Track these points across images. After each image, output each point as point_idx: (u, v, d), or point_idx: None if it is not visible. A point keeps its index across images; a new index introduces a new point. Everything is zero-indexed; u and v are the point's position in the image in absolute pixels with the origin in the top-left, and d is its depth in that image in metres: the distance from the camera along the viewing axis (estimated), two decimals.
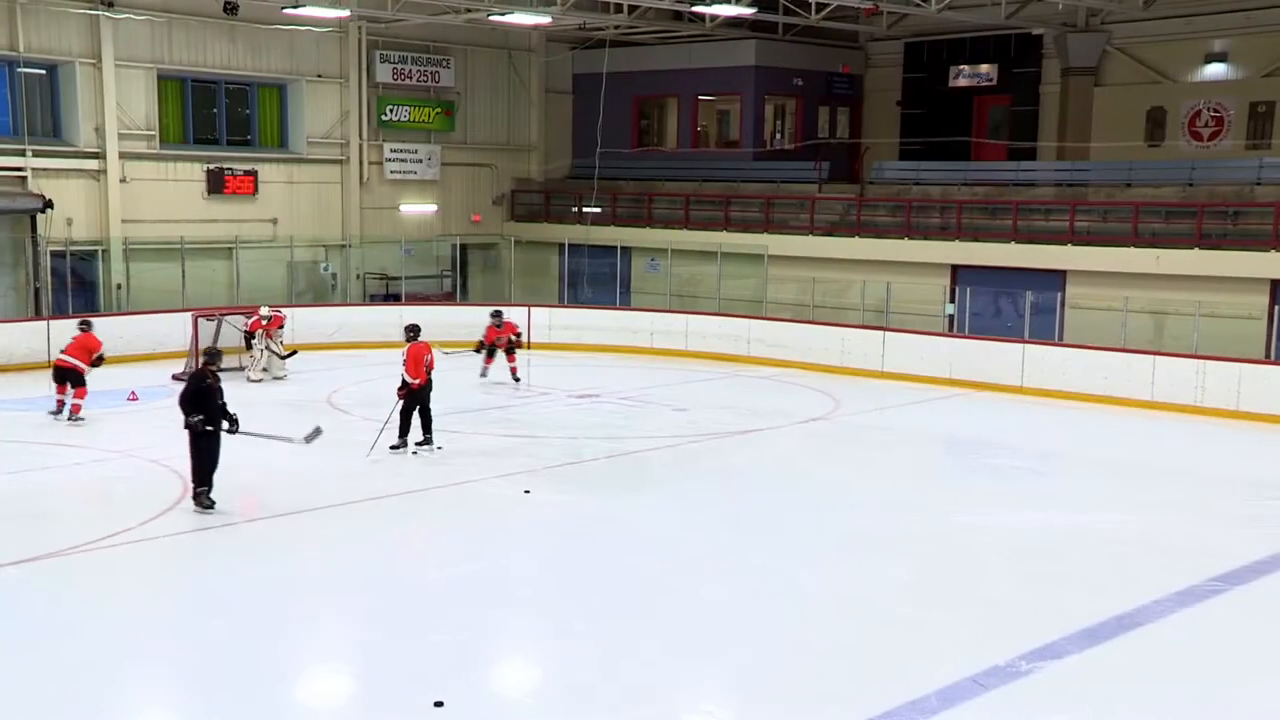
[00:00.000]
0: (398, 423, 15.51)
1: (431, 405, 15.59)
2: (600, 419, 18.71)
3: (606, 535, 12.56)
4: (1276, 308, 20.48)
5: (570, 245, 28.55)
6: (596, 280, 28.23)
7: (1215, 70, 26.07)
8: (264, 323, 21.06)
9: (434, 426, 15.78)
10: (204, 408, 12.60)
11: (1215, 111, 25.93)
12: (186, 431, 12.67)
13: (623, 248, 28.13)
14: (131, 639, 9.69)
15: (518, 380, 21.19)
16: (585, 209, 29.28)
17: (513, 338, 21.55)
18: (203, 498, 12.72)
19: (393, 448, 15.44)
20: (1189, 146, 26.03)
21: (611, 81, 28.61)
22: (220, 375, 13.08)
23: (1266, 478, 15.61)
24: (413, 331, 15.89)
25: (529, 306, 26.35)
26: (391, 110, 28.87)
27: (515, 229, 30.52)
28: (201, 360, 13.47)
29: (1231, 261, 20.95)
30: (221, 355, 13.70)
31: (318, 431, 13.63)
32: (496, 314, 21.74)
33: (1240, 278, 20.79)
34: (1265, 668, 9.24)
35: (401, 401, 15.45)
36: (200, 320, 21.34)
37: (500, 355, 21.46)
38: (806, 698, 8.55)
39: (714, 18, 27.05)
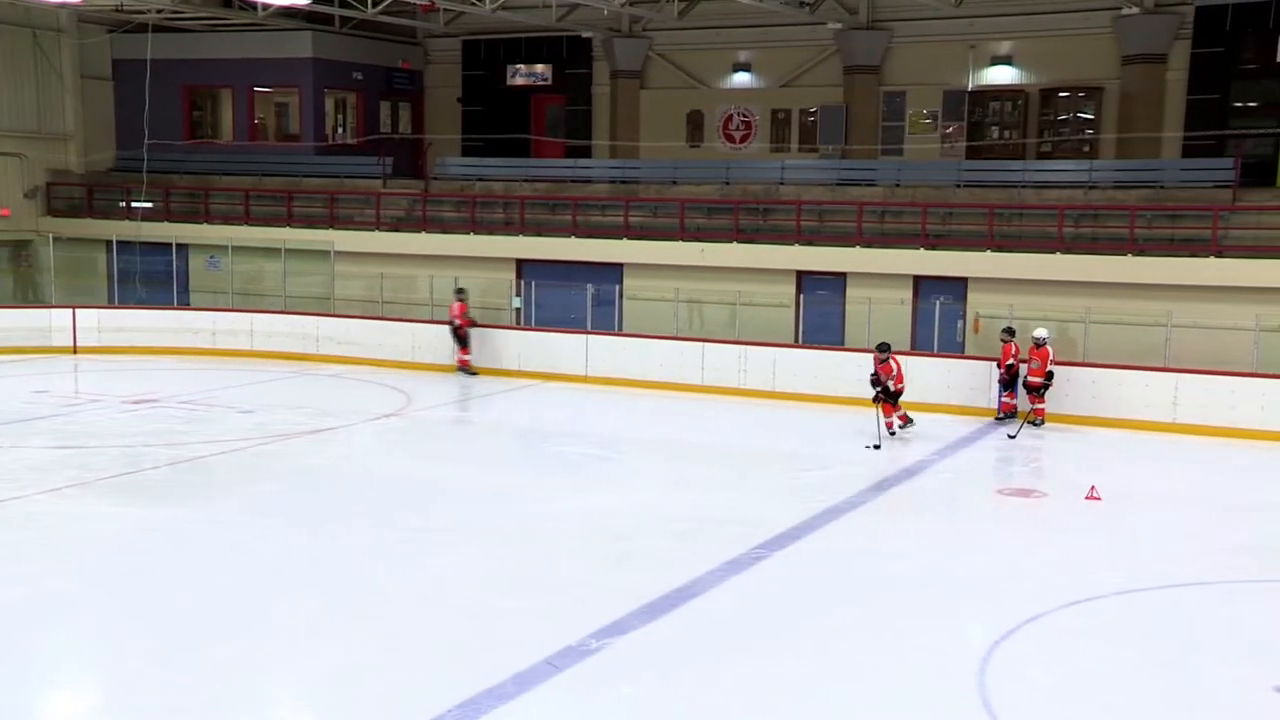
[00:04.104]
0: None
1: None
2: (160, 425, 17.78)
3: (171, 547, 12.02)
4: (802, 296, 22.75)
5: (119, 242, 26.72)
6: (151, 279, 26.58)
7: (742, 79, 28.51)
8: None
9: None
10: None
11: (744, 116, 28.35)
12: None
13: (178, 244, 26.70)
14: None
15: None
16: (134, 204, 27.49)
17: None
18: None
19: None
20: (724, 148, 28.30)
21: (158, 69, 27.00)
22: None
23: (801, 451, 17.34)
24: None
25: (74, 308, 24.49)
26: None
27: (53, 224, 28.14)
28: None
29: (764, 254, 23.05)
30: None
31: None
32: (461, 292, 22.92)
33: (772, 269, 22.91)
34: (806, 621, 10.36)
35: None
36: None
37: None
38: (386, 693, 8.67)
39: (266, 7, 26.22)
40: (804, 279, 22.97)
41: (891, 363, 17.58)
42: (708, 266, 23.25)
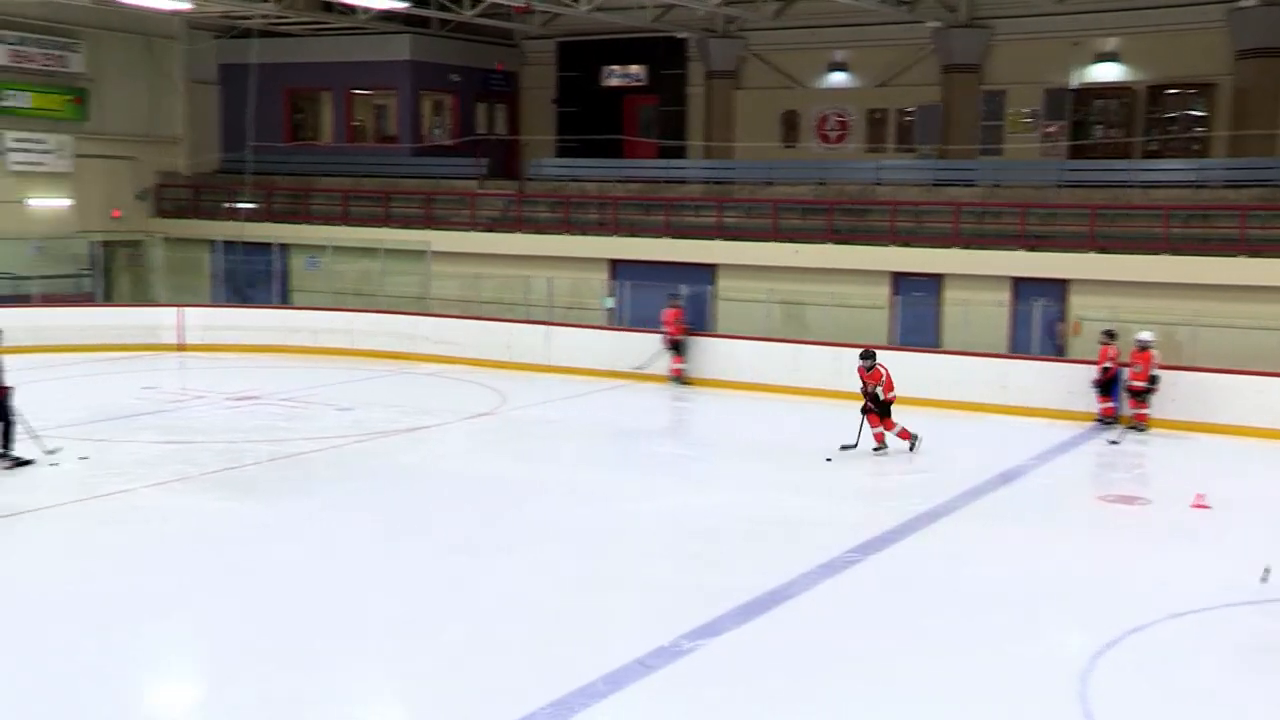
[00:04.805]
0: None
1: (11, 416, 14.63)
2: (261, 421, 18.14)
3: (267, 541, 12.25)
4: (897, 297, 22.46)
5: (224, 242, 27.37)
6: (253, 278, 27.23)
7: (838, 79, 28.25)
8: None
9: (79, 434, 15.06)
10: None
11: (840, 116, 28.07)
12: None
13: (280, 244, 27.27)
14: None
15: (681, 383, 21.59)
16: (238, 204, 28.15)
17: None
18: None
19: None
20: (819, 148, 28.05)
21: (261, 73, 27.65)
22: None
23: (895, 454, 17.08)
24: None
25: (180, 307, 25.12)
26: (11, 95, 26.63)
27: (162, 225, 28.96)
28: None
29: (858, 255, 22.80)
30: None
31: None
32: (676, 297, 21.85)
33: (866, 270, 22.65)
34: (901, 627, 10.19)
35: None
36: None
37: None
38: (474, 691, 8.71)
39: (366, 10, 26.65)
40: (899, 280, 22.68)
41: (880, 369, 16.38)
42: (801, 267, 23.07)
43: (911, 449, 16.48)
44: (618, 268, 25.10)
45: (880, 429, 16.40)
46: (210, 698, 8.87)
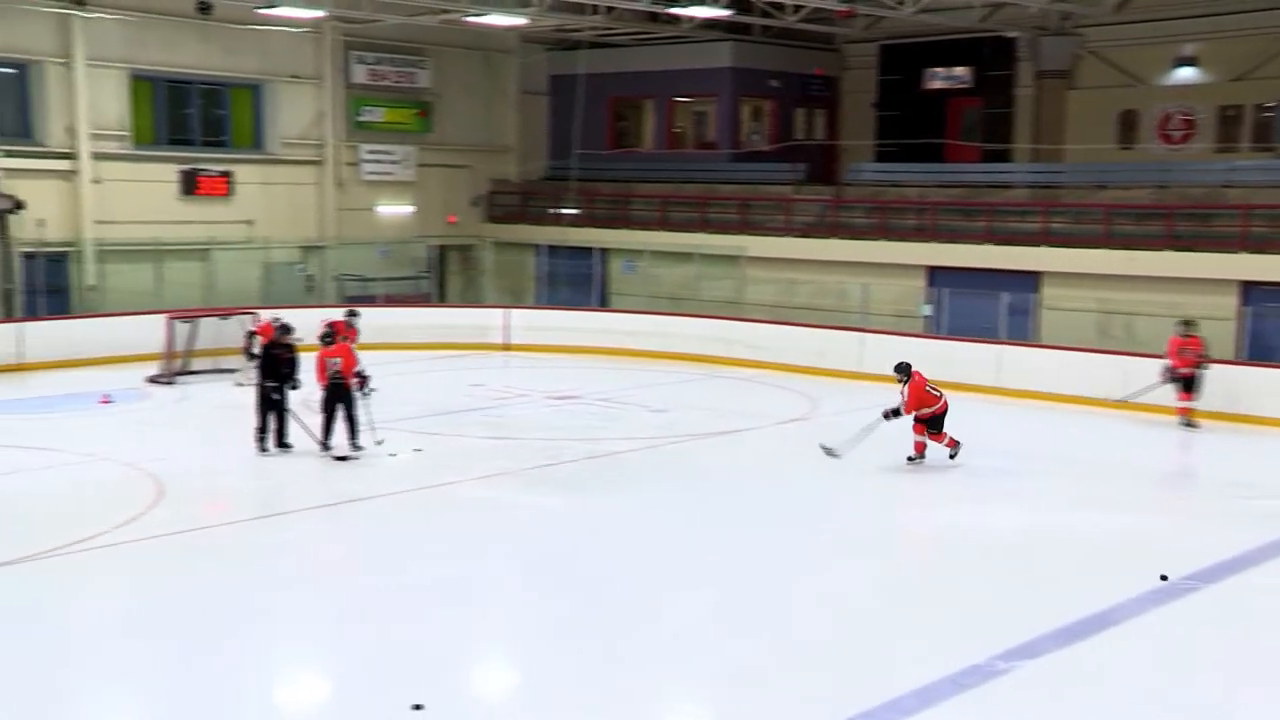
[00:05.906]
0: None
1: (356, 411, 15.47)
2: (579, 420, 18.69)
3: (583, 537, 12.55)
4: (1246, 309, 20.63)
5: (548, 246, 28.51)
6: (574, 281, 28.22)
7: (1185, 74, 26.31)
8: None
9: (414, 428, 15.94)
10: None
11: (1185, 114, 26.14)
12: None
13: (600, 249, 28.12)
14: (104, 640, 9.65)
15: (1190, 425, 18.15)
16: (562, 210, 29.25)
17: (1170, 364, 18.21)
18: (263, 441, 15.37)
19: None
20: (1160, 149, 26.23)
21: (587, 82, 28.64)
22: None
23: (1236, 476, 15.71)
24: (326, 336, 15.97)
25: (506, 308, 26.33)
26: (367, 111, 28.78)
27: (493, 230, 30.48)
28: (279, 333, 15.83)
29: (1202, 263, 21.11)
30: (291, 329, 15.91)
31: None
32: (1189, 324, 18.17)
33: (1211, 279, 20.95)
34: (1238, 663, 9.32)
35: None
36: (175, 323, 21.25)
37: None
38: (784, 698, 8.58)
39: (690, 19, 27.08)
40: (1249, 290, 20.84)
41: (904, 388, 15.47)
42: (1134, 276, 21.60)
43: (953, 457, 15.78)
44: (935, 274, 24.35)
45: (922, 437, 15.84)
46: (524, 686, 9.15)
